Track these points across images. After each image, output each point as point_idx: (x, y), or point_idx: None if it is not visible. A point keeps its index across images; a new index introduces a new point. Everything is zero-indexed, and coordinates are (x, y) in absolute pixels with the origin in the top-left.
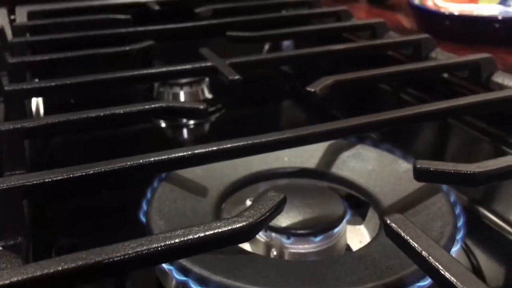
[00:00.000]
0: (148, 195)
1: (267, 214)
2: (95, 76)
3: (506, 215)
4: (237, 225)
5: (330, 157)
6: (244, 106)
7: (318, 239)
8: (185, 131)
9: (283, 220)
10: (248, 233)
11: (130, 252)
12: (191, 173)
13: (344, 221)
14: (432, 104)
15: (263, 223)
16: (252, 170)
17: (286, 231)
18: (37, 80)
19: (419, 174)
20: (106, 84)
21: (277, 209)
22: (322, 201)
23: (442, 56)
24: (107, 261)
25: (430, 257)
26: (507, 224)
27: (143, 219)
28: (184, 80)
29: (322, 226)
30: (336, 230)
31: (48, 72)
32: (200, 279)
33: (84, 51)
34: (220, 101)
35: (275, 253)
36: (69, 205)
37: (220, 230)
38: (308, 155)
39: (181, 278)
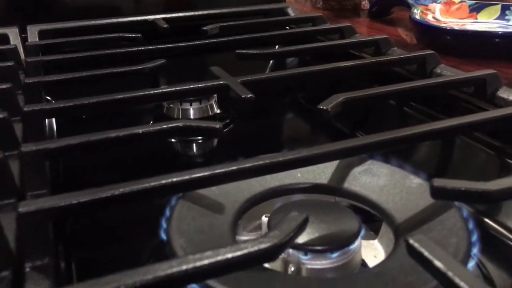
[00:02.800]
0: (167, 213)
1: (292, 234)
2: (112, 96)
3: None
4: (264, 246)
5: (342, 172)
6: (250, 120)
7: (335, 255)
8: (194, 144)
9: (301, 236)
10: (273, 254)
11: (161, 274)
12: (208, 190)
13: (360, 237)
14: (444, 121)
15: (287, 243)
16: (266, 187)
17: (303, 248)
18: (48, 97)
19: (435, 192)
20: (123, 103)
21: (300, 229)
22: (337, 217)
23: (446, 72)
24: (138, 284)
25: (455, 277)
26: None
27: (164, 236)
28: None
29: (339, 242)
30: (352, 246)
31: (60, 89)
32: None
33: (99, 70)
34: (228, 116)
35: (292, 269)
36: (86, 219)
37: (247, 251)
38: (320, 171)
39: None
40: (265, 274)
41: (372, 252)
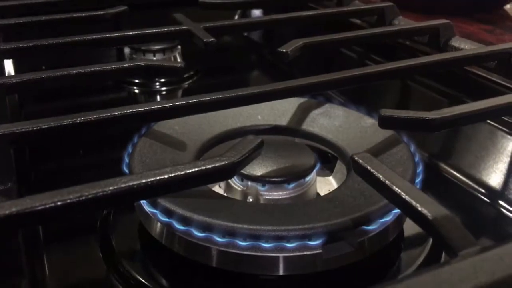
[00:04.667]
0: (129, 149)
1: (247, 154)
2: (70, 37)
3: (462, 167)
4: (220, 164)
5: (301, 115)
6: (214, 74)
7: (291, 186)
8: (158, 97)
9: (259, 169)
10: (230, 171)
11: (123, 186)
12: (170, 129)
13: (315, 170)
14: (387, 64)
15: (243, 162)
16: (228, 128)
17: (261, 179)
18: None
19: (383, 121)
20: (82, 45)
21: (256, 151)
22: (294, 153)
23: (404, 23)
24: (100, 195)
25: (393, 186)
26: (463, 176)
27: (126, 170)
28: (156, 47)
29: (295, 174)
30: (307, 178)
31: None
32: (183, 219)
33: (58, 15)
34: (192, 68)
35: (251, 200)
36: (51, 164)
37: (204, 168)
38: (280, 113)
39: (165, 219)
40: (223, 201)
41: (327, 187)
